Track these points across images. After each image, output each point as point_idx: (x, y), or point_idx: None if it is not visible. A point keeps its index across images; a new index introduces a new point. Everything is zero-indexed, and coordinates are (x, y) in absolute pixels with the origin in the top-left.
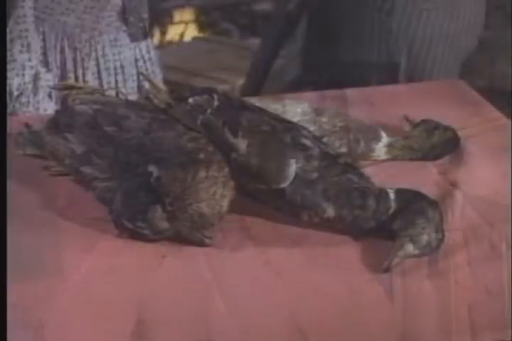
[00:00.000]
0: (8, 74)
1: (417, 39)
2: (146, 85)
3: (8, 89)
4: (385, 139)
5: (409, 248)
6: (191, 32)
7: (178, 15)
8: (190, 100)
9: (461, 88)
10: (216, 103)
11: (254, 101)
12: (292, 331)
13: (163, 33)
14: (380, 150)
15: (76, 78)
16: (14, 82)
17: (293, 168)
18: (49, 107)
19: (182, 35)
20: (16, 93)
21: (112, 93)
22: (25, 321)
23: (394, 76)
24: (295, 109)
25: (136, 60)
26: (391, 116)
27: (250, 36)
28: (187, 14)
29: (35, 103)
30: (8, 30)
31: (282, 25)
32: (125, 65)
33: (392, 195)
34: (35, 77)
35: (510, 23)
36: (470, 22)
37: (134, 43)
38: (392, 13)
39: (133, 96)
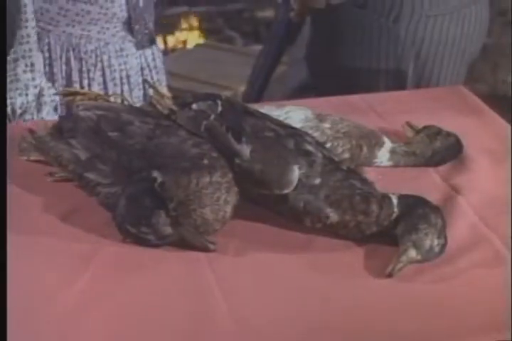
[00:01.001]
0: (11, 94)
1: (425, 45)
2: (151, 92)
3: (10, 107)
4: (387, 145)
5: (412, 253)
6: (194, 39)
7: (181, 23)
8: (194, 106)
9: (463, 94)
10: (220, 109)
11: (258, 107)
12: (295, 335)
13: (166, 40)
14: (383, 156)
15: (82, 89)
16: (17, 101)
17: (296, 173)
18: None
19: (185, 42)
20: (19, 111)
21: (117, 99)
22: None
23: (402, 82)
24: (298, 115)
25: (141, 69)
26: (394, 122)
27: (253, 43)
28: (190, 21)
29: (40, 119)
30: (12, 50)
31: (284, 31)
32: (131, 75)
33: (395, 201)
34: (39, 95)
35: (510, 30)
36: (475, 27)
37: (140, 51)
38: (399, 20)
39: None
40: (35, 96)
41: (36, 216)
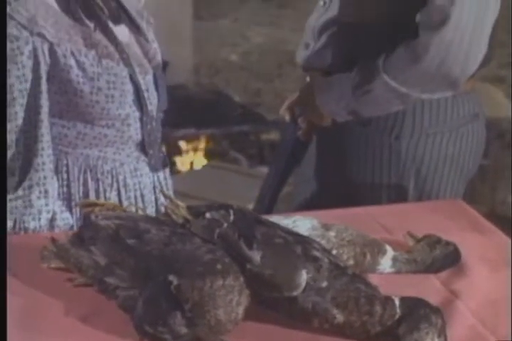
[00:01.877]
0: (25, 218)
1: (425, 161)
2: (165, 202)
3: (23, 231)
4: (390, 253)
5: None
6: (200, 160)
7: (188, 144)
8: (207, 215)
9: (463, 207)
10: (232, 218)
11: (267, 217)
12: None
13: (174, 161)
14: (386, 263)
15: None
16: (30, 225)
17: (304, 277)
18: None
19: (192, 163)
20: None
21: (132, 209)
22: None
23: (403, 196)
24: (305, 224)
25: (154, 187)
26: (396, 233)
27: (258, 165)
28: (196, 143)
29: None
30: (27, 177)
31: (291, 150)
32: (145, 194)
33: (397, 302)
34: (52, 219)
35: (509, 152)
36: (473, 145)
37: (153, 172)
38: (400, 137)
39: None
40: (48, 220)
41: (56, 319)
